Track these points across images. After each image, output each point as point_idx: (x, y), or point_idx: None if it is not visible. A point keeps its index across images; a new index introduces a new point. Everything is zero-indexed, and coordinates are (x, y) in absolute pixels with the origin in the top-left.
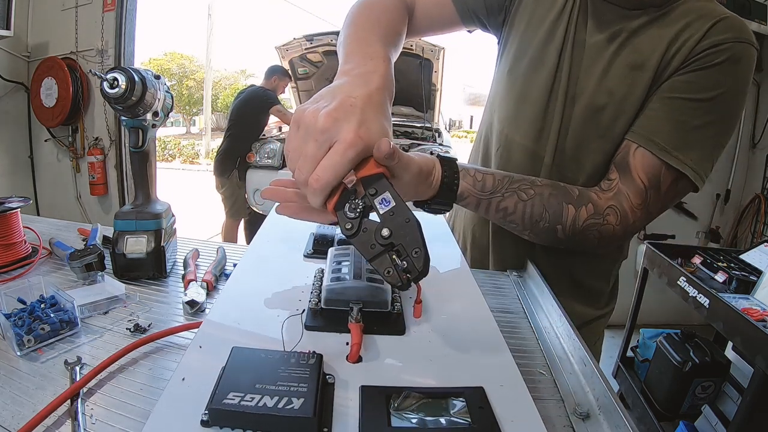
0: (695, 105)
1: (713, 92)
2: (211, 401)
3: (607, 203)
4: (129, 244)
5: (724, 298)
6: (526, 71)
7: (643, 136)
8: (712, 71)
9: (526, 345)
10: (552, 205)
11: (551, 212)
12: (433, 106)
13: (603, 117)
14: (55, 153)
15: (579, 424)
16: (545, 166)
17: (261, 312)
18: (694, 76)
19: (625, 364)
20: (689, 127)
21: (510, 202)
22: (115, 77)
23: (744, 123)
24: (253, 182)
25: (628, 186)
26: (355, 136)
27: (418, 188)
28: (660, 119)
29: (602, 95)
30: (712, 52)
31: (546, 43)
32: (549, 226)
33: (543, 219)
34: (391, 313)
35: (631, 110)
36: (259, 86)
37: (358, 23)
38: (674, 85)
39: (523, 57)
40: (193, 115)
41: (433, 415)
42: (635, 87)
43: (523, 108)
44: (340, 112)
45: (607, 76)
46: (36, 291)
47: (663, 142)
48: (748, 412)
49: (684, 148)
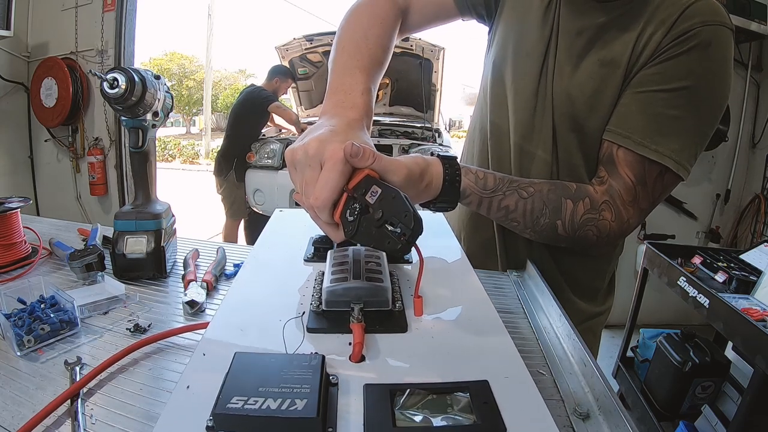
0: (667, 95)
1: (685, 81)
2: (216, 406)
3: (603, 197)
4: (129, 244)
5: (724, 298)
6: (514, 62)
7: (619, 134)
8: (682, 59)
9: (526, 345)
10: (551, 201)
11: (551, 208)
12: (433, 106)
13: (575, 111)
14: (55, 153)
15: (579, 424)
16: (539, 159)
17: (263, 317)
18: (662, 66)
19: (625, 364)
20: (664, 118)
21: (511, 200)
22: (115, 77)
23: (744, 123)
24: (253, 182)
25: (617, 182)
26: (340, 155)
27: (411, 190)
28: (633, 114)
29: (574, 89)
30: (681, 41)
31: (532, 35)
32: (549, 222)
33: (543, 215)
34: (393, 312)
35: (604, 107)
36: (257, 86)
37: (343, 44)
38: (643, 79)
39: (509, 47)
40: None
41: (438, 412)
42: (606, 83)
43: (513, 99)
44: (324, 136)
45: (577, 70)
46: (36, 291)
47: (640, 137)
48: (748, 412)
49: (662, 140)
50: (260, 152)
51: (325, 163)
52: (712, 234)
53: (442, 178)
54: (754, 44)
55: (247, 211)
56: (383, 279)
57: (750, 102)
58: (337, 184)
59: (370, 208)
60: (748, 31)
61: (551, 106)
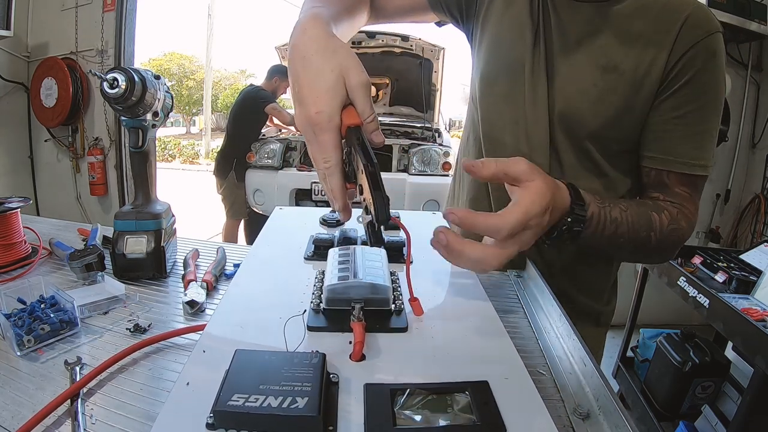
0: (700, 113)
1: (710, 94)
2: (216, 403)
3: (674, 208)
4: (129, 244)
5: (724, 298)
6: (505, 71)
7: (669, 161)
8: (702, 74)
9: (526, 345)
10: (642, 214)
11: (644, 220)
12: (433, 106)
13: (578, 119)
14: (55, 153)
15: (579, 424)
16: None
17: (263, 314)
18: (691, 84)
19: (625, 364)
20: (702, 133)
21: (616, 212)
22: (115, 77)
23: (744, 123)
24: (253, 183)
25: (675, 198)
26: (314, 115)
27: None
28: (678, 140)
29: (575, 97)
30: (692, 55)
31: (521, 42)
32: (645, 234)
33: (641, 227)
34: (393, 311)
35: (609, 112)
36: (255, 86)
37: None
38: (676, 103)
39: (497, 56)
40: (193, 115)
41: (438, 411)
42: (611, 90)
43: (506, 110)
44: (298, 110)
45: (577, 77)
46: (36, 291)
47: (689, 159)
48: (748, 412)
49: (703, 154)
50: (260, 152)
51: (314, 131)
52: (712, 234)
53: (568, 194)
54: (754, 44)
55: (247, 211)
56: (384, 278)
57: (750, 102)
58: (332, 147)
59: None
60: (748, 31)
61: (547, 115)
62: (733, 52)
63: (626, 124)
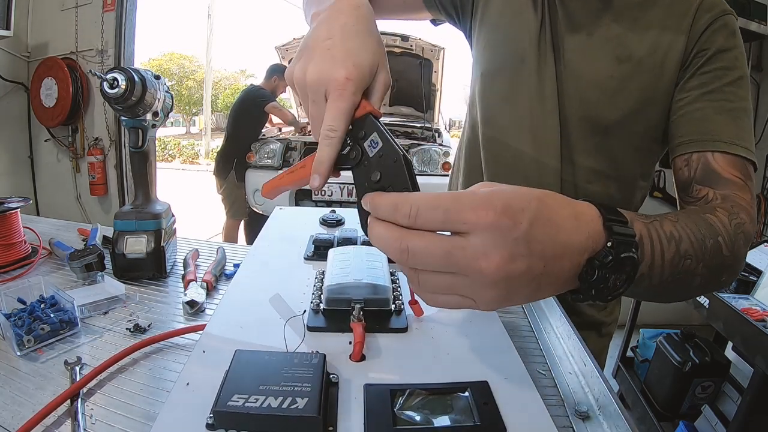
0: (732, 89)
1: (739, 71)
2: (216, 404)
3: (729, 203)
4: (129, 244)
5: (724, 298)
6: (503, 69)
7: (708, 140)
8: (723, 52)
9: (526, 345)
10: (697, 220)
11: (704, 225)
12: (433, 106)
13: (596, 113)
14: (55, 153)
15: (579, 424)
16: (551, 170)
17: (263, 314)
18: (714, 61)
19: (625, 364)
20: (738, 111)
21: (668, 226)
22: (115, 77)
23: None
24: (253, 183)
25: (728, 187)
26: (343, 80)
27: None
28: (713, 117)
29: (591, 90)
30: (711, 33)
31: (525, 37)
32: (713, 241)
33: (704, 236)
34: (393, 311)
35: (628, 104)
36: (255, 86)
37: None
38: (705, 79)
39: (500, 54)
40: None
41: (438, 412)
42: (629, 80)
43: (510, 110)
44: (320, 62)
45: (592, 70)
46: (36, 291)
47: (729, 138)
48: (748, 412)
49: (744, 134)
50: (260, 152)
51: (330, 96)
52: None
53: (593, 209)
54: (754, 44)
55: (247, 211)
56: (384, 279)
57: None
58: (347, 116)
59: (365, 161)
60: (748, 31)
61: (557, 112)
62: None
63: (650, 114)
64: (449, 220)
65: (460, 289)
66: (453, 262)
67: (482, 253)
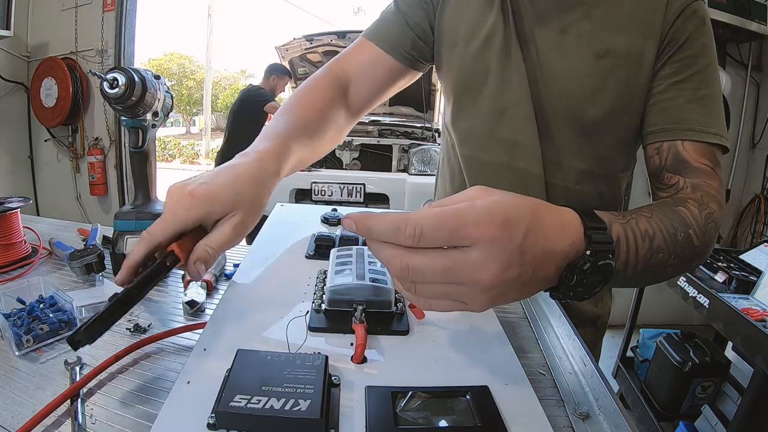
0: (702, 76)
1: (707, 58)
2: (218, 404)
3: (697, 193)
4: (129, 244)
5: (724, 298)
6: (472, 88)
7: (678, 129)
8: (697, 37)
9: (526, 345)
10: (669, 213)
11: (676, 218)
12: (433, 106)
13: (577, 112)
14: (55, 153)
15: (579, 424)
16: (535, 177)
17: (264, 314)
18: (685, 49)
19: (625, 364)
20: (707, 99)
21: (643, 223)
22: (115, 77)
23: (744, 123)
24: None
25: (698, 176)
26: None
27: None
28: (684, 106)
29: (572, 89)
30: (683, 21)
31: (483, 52)
32: (685, 234)
33: (676, 229)
34: (395, 314)
35: (607, 100)
36: (254, 86)
37: (276, 115)
38: (676, 68)
39: (464, 74)
40: (193, 115)
41: (439, 415)
42: (608, 76)
43: (478, 127)
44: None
45: (569, 68)
46: (35, 291)
47: (700, 126)
48: (748, 412)
49: (714, 121)
50: None
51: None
52: None
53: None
54: (754, 44)
55: None
56: (386, 280)
57: (750, 102)
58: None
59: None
60: (748, 31)
61: (533, 118)
62: (733, 52)
63: (632, 108)
64: (453, 239)
65: (455, 296)
66: (453, 275)
67: (481, 266)
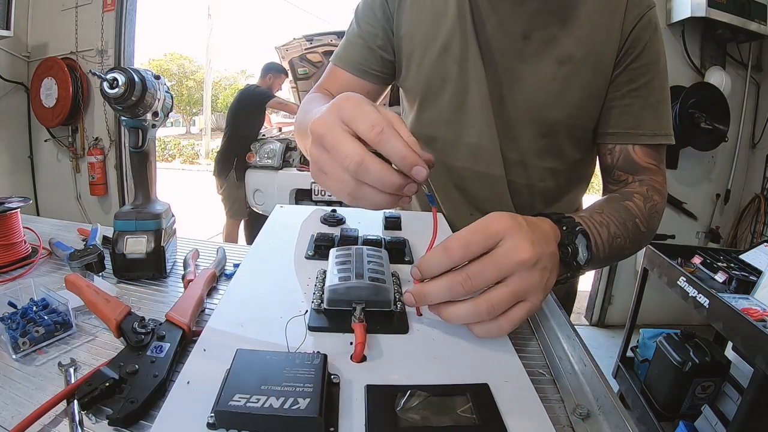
0: (655, 82)
1: (658, 64)
2: (217, 403)
3: (643, 188)
4: (129, 244)
5: (724, 298)
6: (430, 98)
7: (632, 134)
8: (652, 44)
9: (526, 345)
10: (618, 207)
11: (624, 212)
12: None
13: (544, 116)
14: (55, 153)
15: (579, 424)
16: (497, 179)
17: (264, 313)
18: (643, 58)
19: (625, 364)
20: (658, 103)
21: (597, 216)
22: (115, 77)
23: (744, 123)
24: (253, 183)
25: (644, 174)
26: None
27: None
28: (638, 112)
29: (538, 95)
30: (640, 29)
31: (444, 58)
32: (632, 222)
33: (624, 219)
34: (394, 312)
35: (572, 103)
36: (252, 85)
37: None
38: (633, 75)
39: (425, 79)
40: (193, 115)
41: (439, 413)
42: (571, 80)
43: (440, 134)
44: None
45: (534, 75)
46: (27, 294)
47: (651, 130)
48: (748, 412)
49: (663, 122)
50: (260, 152)
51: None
52: (711, 234)
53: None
54: (754, 44)
55: (247, 212)
56: (385, 279)
57: (750, 102)
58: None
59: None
60: (748, 31)
61: (493, 123)
62: (733, 52)
63: (591, 108)
64: (488, 237)
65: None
66: (501, 267)
67: (518, 247)
